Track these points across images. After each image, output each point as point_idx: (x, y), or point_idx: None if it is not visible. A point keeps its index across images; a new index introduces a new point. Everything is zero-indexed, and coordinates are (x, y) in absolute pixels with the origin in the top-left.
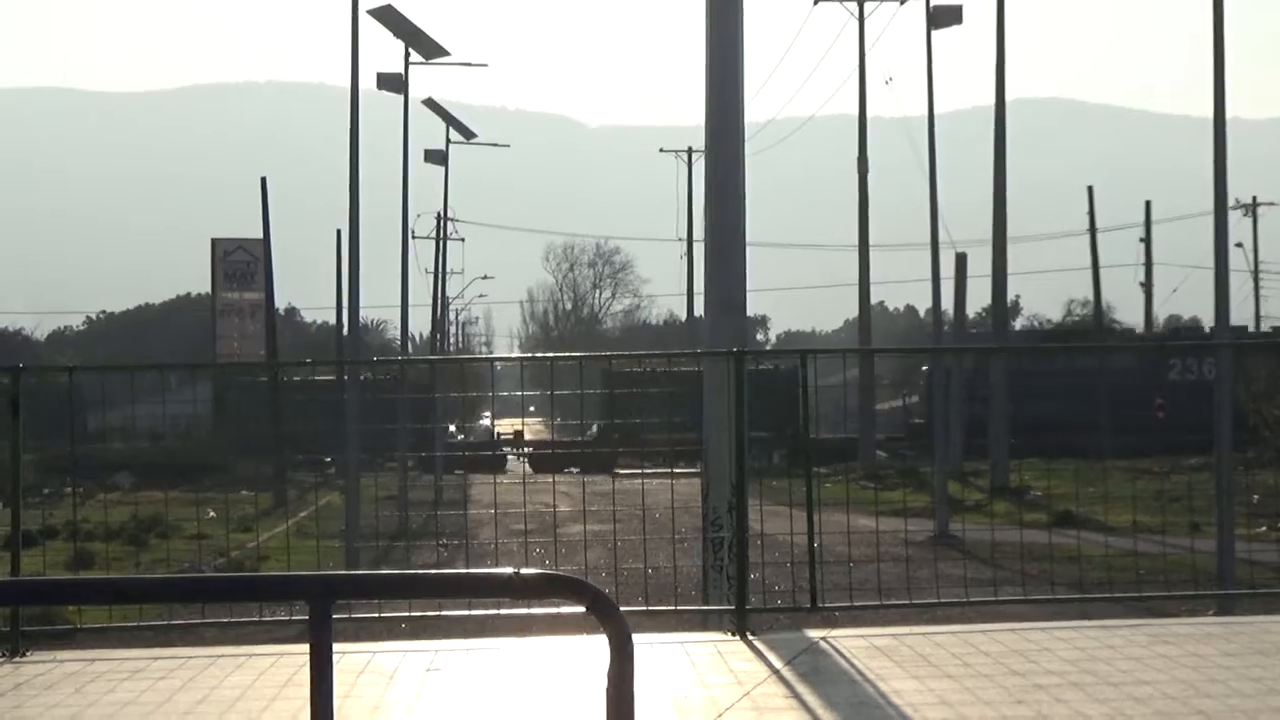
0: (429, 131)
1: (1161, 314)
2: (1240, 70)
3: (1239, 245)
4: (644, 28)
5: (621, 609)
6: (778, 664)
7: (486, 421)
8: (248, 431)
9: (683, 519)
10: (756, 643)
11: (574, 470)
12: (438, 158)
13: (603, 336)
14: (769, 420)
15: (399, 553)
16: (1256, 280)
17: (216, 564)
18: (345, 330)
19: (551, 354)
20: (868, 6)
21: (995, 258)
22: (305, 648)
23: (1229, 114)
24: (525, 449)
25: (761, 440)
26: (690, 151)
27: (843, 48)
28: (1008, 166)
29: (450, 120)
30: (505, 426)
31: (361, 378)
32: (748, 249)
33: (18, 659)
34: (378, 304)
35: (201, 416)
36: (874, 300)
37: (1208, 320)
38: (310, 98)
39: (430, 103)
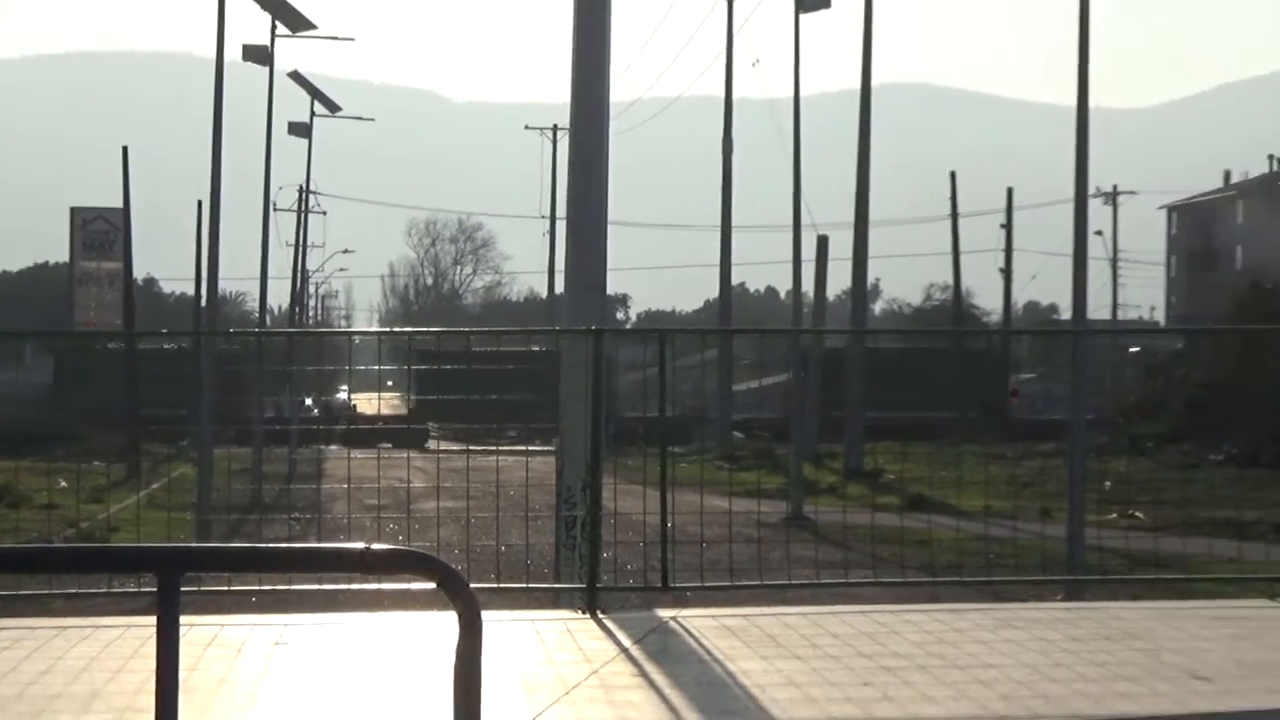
0: (294, 104)
1: (1021, 300)
2: (1104, 59)
3: (1098, 233)
4: (510, 3)
5: (472, 586)
6: (627, 643)
7: (343, 395)
8: (97, 401)
9: (536, 496)
10: (607, 621)
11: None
12: (302, 130)
13: (463, 312)
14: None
15: (251, 526)
16: (1115, 269)
17: (66, 534)
18: (203, 301)
19: (410, 329)
20: None
21: (856, 240)
22: (153, 619)
23: (1092, 103)
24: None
25: (617, 419)
26: (555, 129)
27: (711, 29)
28: (872, 150)
29: (315, 93)
30: (363, 401)
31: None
32: (610, 228)
33: None
34: (237, 276)
35: (55, 386)
36: (735, 281)
37: (1066, 307)
38: (176, 68)
39: (295, 75)
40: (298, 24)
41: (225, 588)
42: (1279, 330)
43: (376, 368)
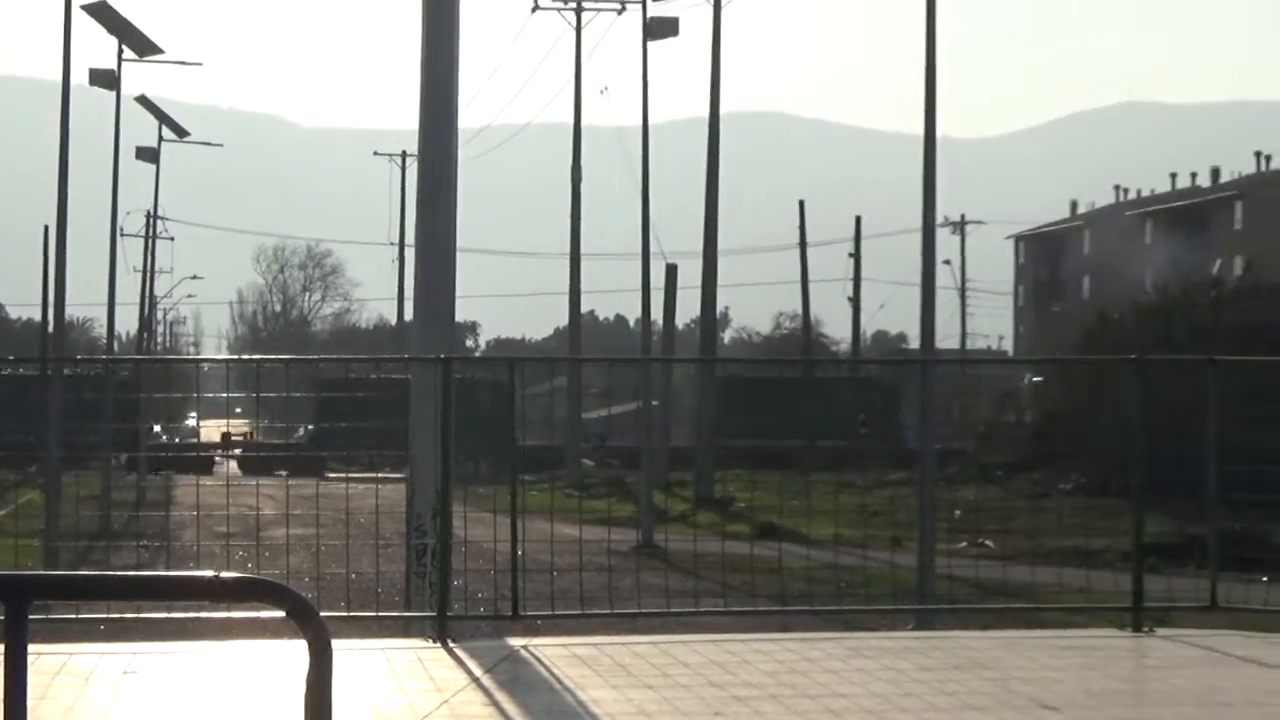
0: (141, 129)
1: (869, 329)
2: (952, 89)
3: (947, 263)
4: (359, 30)
5: (322, 614)
6: (478, 672)
7: (192, 422)
8: None
9: (387, 524)
10: (457, 650)
11: (283, 473)
12: (149, 155)
13: (312, 339)
14: (478, 428)
15: (99, 553)
16: (963, 298)
17: None
18: (50, 327)
19: (259, 356)
20: (585, 15)
21: (706, 269)
22: None
23: (940, 132)
24: (234, 450)
25: (469, 447)
26: (404, 155)
27: (560, 55)
28: (721, 179)
29: (163, 118)
30: (211, 428)
31: (66, 374)
32: (459, 255)
33: None
34: (85, 301)
35: None
36: (585, 309)
37: (915, 336)
38: (20, 91)
39: (143, 100)
40: (145, 48)
41: (74, 615)
42: (1125, 360)
43: (225, 395)
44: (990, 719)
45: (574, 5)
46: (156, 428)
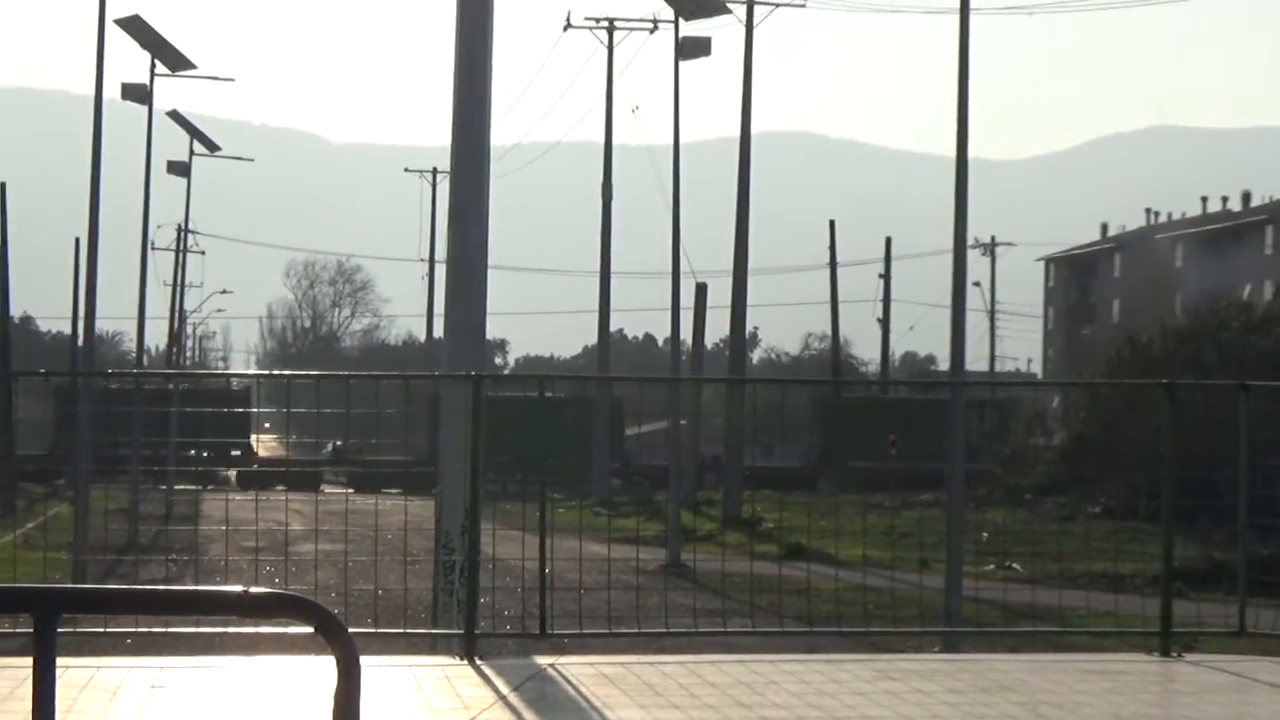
0: (173, 144)
1: (898, 350)
2: (984, 111)
3: (976, 284)
4: (392, 47)
5: (350, 630)
6: (504, 690)
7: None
8: None
9: (415, 541)
10: (484, 668)
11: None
12: (181, 169)
13: (341, 355)
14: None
15: (127, 567)
16: (993, 320)
17: None
18: (80, 341)
19: (288, 372)
20: (617, 35)
21: (735, 288)
22: (28, 660)
23: (971, 155)
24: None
25: (499, 464)
26: (435, 172)
27: (592, 74)
28: (751, 199)
29: (194, 133)
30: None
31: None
32: (489, 272)
33: None
34: (115, 315)
35: None
36: (614, 328)
37: (944, 358)
38: (54, 105)
39: (175, 114)
40: (177, 63)
41: (101, 629)
42: (1155, 385)
43: (255, 410)
44: None
45: (606, 24)
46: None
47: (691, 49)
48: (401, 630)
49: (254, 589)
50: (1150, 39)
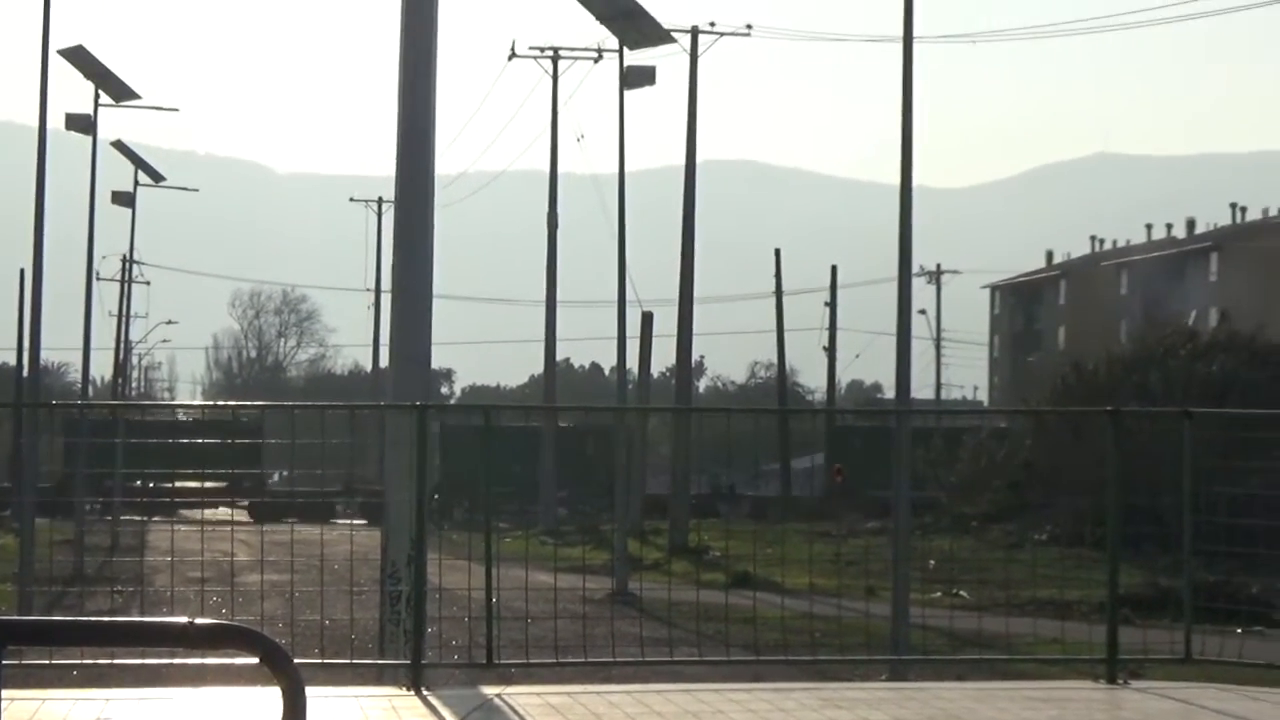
0: (118, 174)
1: (845, 379)
2: (928, 139)
3: (922, 312)
4: (337, 77)
5: (296, 661)
6: None
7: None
8: None
9: (362, 570)
10: (431, 698)
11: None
12: (125, 200)
13: (287, 385)
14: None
15: (73, 598)
16: (939, 348)
17: None
18: (25, 372)
19: (234, 402)
20: (562, 64)
21: (681, 317)
22: None
23: (916, 182)
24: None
25: (443, 495)
26: (380, 201)
27: (536, 103)
28: (697, 227)
29: (139, 163)
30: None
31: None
32: (435, 301)
33: None
34: (60, 346)
35: None
36: (560, 357)
37: (890, 385)
38: None
39: (119, 145)
40: (122, 94)
41: (47, 661)
42: (1101, 412)
43: (200, 440)
44: None
45: (550, 54)
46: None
47: (636, 78)
48: (348, 661)
49: (200, 620)
50: (1094, 67)
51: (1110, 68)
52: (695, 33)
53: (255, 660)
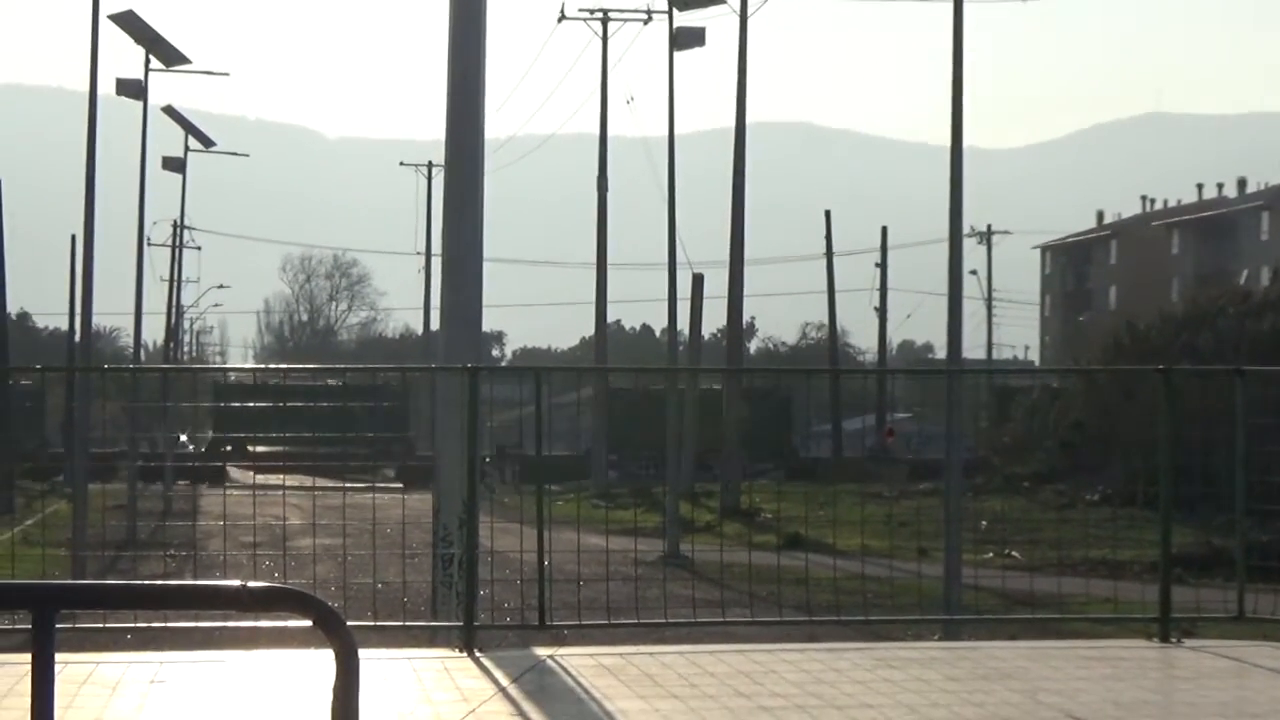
0: (169, 139)
1: (895, 339)
2: (978, 100)
3: (973, 273)
4: (386, 41)
5: (349, 624)
6: (504, 681)
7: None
8: None
9: (414, 534)
10: (484, 660)
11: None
12: (176, 165)
13: (339, 349)
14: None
15: (126, 563)
16: (990, 308)
17: None
18: (78, 337)
19: (285, 365)
20: (611, 26)
21: (732, 279)
22: (27, 657)
23: (966, 143)
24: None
25: (497, 456)
26: (430, 165)
27: (586, 66)
28: (747, 189)
29: (189, 128)
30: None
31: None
32: (485, 264)
33: None
34: (112, 311)
35: None
36: (611, 319)
37: (941, 346)
38: (48, 101)
39: (170, 110)
40: (172, 58)
41: (101, 625)
42: (1152, 371)
43: (250, 404)
44: None
45: (600, 16)
46: (183, 437)
47: (686, 39)
48: (400, 623)
49: (253, 584)
50: (1146, 26)
51: (1162, 27)
52: None
53: (309, 623)
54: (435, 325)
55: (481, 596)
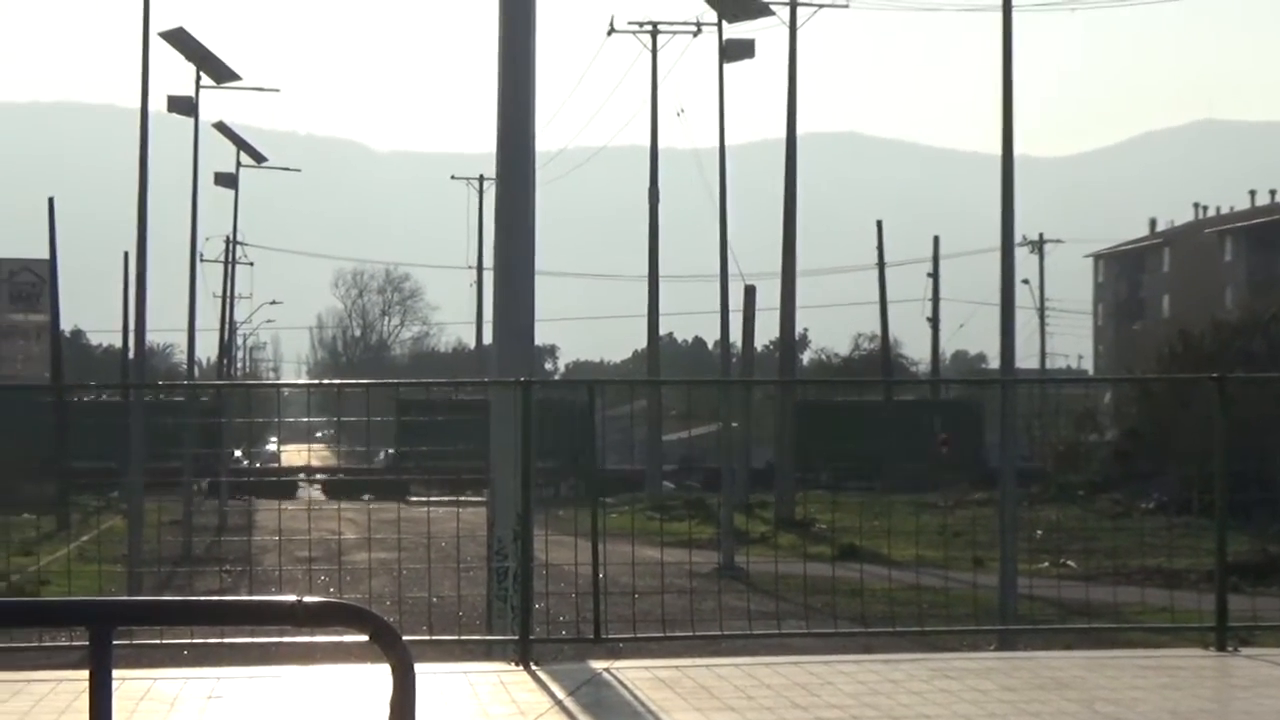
0: (220, 155)
1: (948, 349)
2: (1029, 108)
3: (1025, 282)
4: (437, 55)
5: (405, 638)
6: (560, 695)
7: (272, 447)
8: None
9: (469, 548)
10: (540, 673)
11: (367, 497)
12: (228, 181)
13: (391, 364)
14: (558, 449)
15: (182, 578)
16: (1042, 318)
17: None
18: (131, 354)
19: (339, 380)
20: (661, 38)
21: (784, 290)
22: (84, 674)
23: (1017, 152)
24: (317, 475)
25: (549, 470)
26: (481, 179)
27: (636, 78)
28: (798, 200)
29: (240, 144)
30: (291, 453)
31: (148, 400)
32: (537, 278)
33: None
34: (165, 327)
35: None
36: (663, 331)
37: (994, 356)
38: (100, 119)
39: (221, 126)
40: (223, 75)
41: (158, 640)
42: (1207, 379)
43: (306, 419)
44: None
45: (649, 28)
46: (238, 452)
47: (735, 51)
48: (456, 637)
49: (308, 598)
50: (1197, 33)
51: (1214, 34)
52: (794, 5)
53: (365, 638)
54: (488, 339)
55: (536, 610)
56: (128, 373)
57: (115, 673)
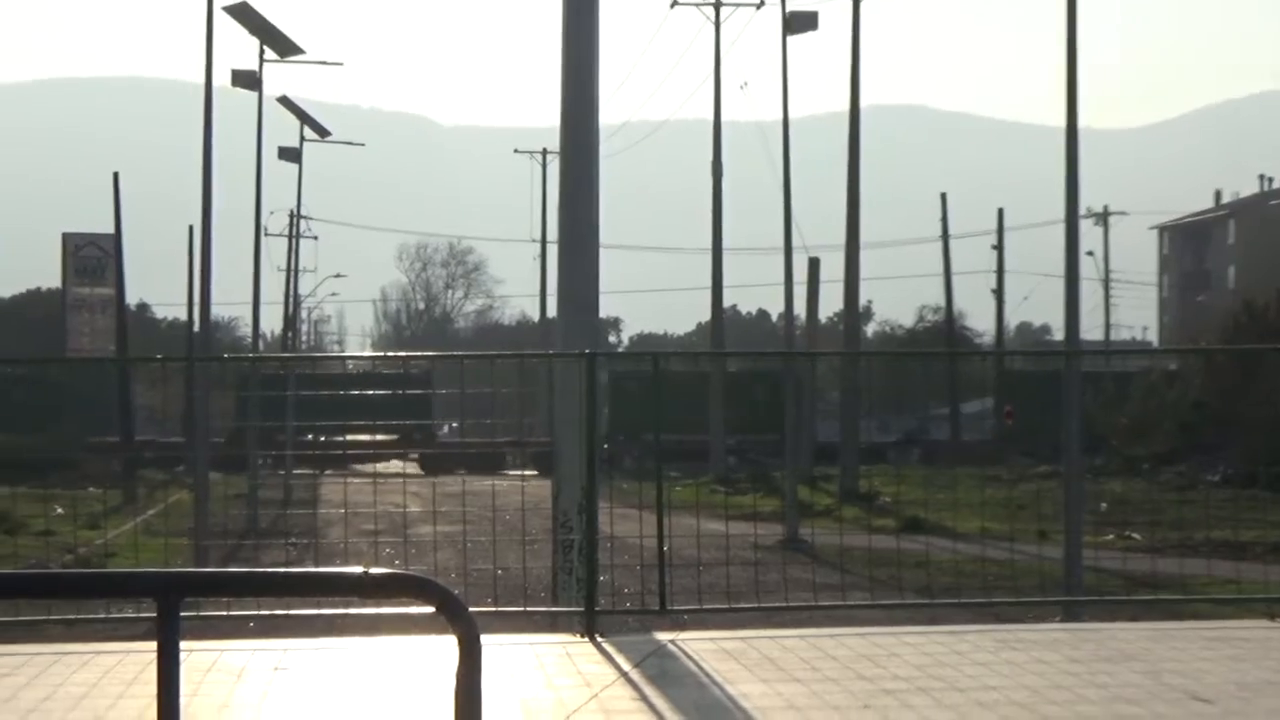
0: (284, 129)
1: (1013, 321)
2: (1093, 80)
3: (1090, 254)
4: (500, 29)
5: (470, 610)
6: (626, 666)
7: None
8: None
9: (533, 520)
10: (605, 645)
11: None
12: (292, 155)
13: (455, 336)
14: (630, 422)
15: (247, 551)
16: (1107, 289)
17: (64, 561)
18: (196, 327)
19: (404, 353)
20: (724, 10)
21: (848, 262)
22: (152, 645)
23: (1081, 123)
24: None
25: (617, 442)
26: (545, 153)
27: (699, 51)
28: (862, 172)
29: (304, 118)
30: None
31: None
32: (601, 251)
33: None
34: (230, 301)
35: (50, 409)
36: (727, 304)
37: (1058, 328)
38: (164, 93)
39: (285, 100)
40: (286, 49)
41: (224, 612)
42: (1272, 350)
43: (371, 392)
44: (1142, 711)
45: (712, 1)
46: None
47: (799, 23)
48: (522, 609)
49: (374, 570)
50: (1263, 3)
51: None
52: None
53: (430, 609)
54: (552, 312)
55: (601, 582)
56: (193, 346)
57: (182, 644)
